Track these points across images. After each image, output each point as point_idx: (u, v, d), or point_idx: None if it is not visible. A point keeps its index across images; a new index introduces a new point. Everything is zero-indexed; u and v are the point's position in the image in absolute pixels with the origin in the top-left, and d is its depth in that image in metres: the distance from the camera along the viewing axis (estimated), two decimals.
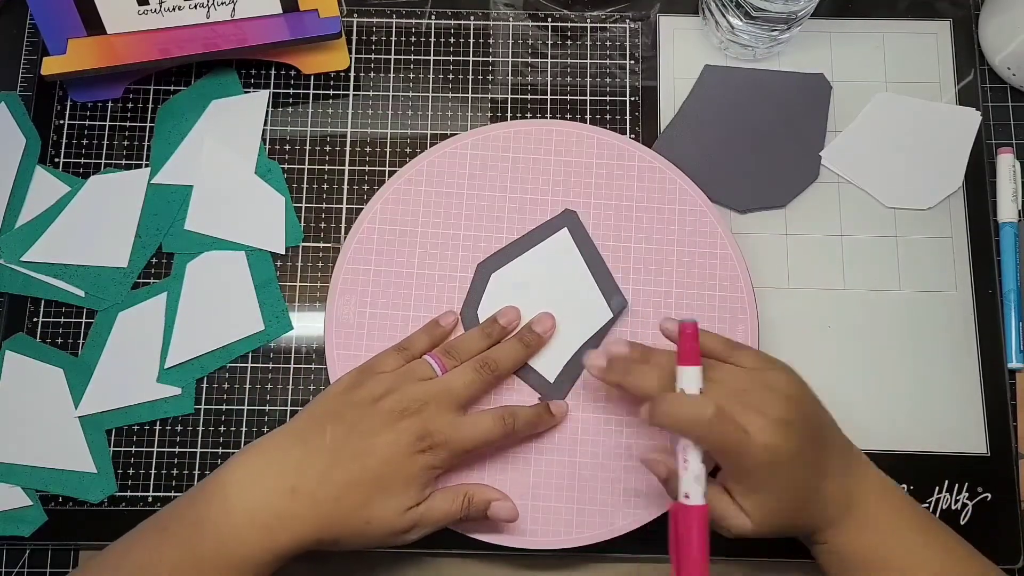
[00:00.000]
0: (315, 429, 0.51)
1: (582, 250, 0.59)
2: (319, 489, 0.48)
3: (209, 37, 0.61)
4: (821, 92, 0.65)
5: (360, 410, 0.51)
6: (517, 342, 0.56)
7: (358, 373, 0.54)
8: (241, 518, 0.47)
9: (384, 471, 0.49)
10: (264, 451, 0.50)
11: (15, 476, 0.57)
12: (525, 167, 0.61)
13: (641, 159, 0.61)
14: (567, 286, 0.59)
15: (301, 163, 0.64)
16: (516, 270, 0.59)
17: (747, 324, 0.58)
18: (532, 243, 0.60)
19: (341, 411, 0.51)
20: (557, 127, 0.62)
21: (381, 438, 0.50)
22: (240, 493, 0.48)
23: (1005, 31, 0.63)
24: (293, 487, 0.48)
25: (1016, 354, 0.60)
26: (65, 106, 0.64)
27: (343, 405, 0.51)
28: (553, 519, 0.55)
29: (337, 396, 0.52)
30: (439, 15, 0.67)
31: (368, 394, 0.52)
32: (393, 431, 0.50)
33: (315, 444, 0.50)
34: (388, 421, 0.50)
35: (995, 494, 0.58)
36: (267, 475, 0.49)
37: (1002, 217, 0.62)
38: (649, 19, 0.67)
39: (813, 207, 0.63)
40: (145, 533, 0.49)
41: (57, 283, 0.61)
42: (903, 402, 0.59)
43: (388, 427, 0.50)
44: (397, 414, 0.51)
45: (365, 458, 0.49)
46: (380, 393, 0.51)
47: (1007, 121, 0.65)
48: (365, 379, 0.53)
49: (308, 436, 0.50)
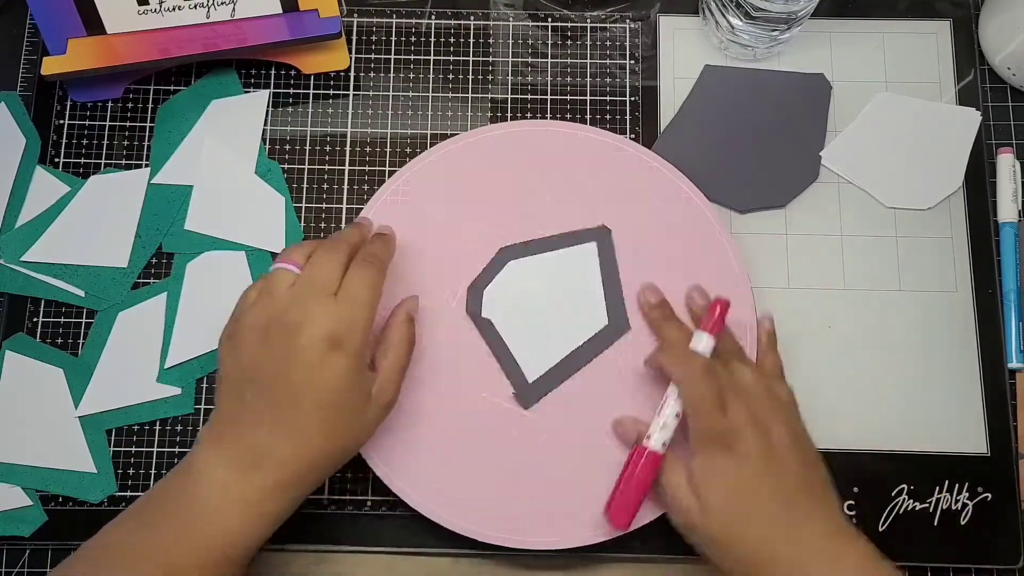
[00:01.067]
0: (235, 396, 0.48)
1: (603, 267, 0.59)
2: (276, 452, 0.47)
3: (209, 37, 0.61)
4: (821, 92, 0.65)
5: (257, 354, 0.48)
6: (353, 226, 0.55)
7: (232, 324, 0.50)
8: (220, 503, 0.47)
9: (321, 396, 0.47)
10: (213, 436, 0.48)
11: (15, 476, 0.57)
12: (522, 171, 0.61)
13: (636, 159, 0.61)
14: (575, 295, 0.59)
15: (301, 163, 0.64)
16: (533, 265, 0.59)
17: (745, 325, 0.58)
18: (557, 245, 0.60)
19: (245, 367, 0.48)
20: (553, 127, 0.62)
21: (293, 369, 0.47)
22: (211, 482, 0.47)
23: (1005, 31, 0.63)
24: (252, 463, 0.47)
25: (1016, 354, 0.60)
26: (65, 106, 0.64)
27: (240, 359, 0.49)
28: (552, 520, 0.55)
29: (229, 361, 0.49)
30: (439, 15, 0.67)
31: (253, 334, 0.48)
32: (297, 352, 0.47)
33: (245, 413, 0.48)
34: (286, 348, 0.47)
35: (995, 494, 0.58)
36: (225, 461, 0.47)
37: (1002, 217, 0.62)
38: (649, 19, 0.67)
39: (813, 207, 0.63)
40: (130, 529, 0.48)
41: (57, 283, 0.61)
42: (903, 402, 0.59)
43: (291, 353, 0.47)
44: (288, 335, 0.47)
45: (295, 398, 0.47)
46: (263, 325, 0.48)
47: (1007, 121, 0.65)
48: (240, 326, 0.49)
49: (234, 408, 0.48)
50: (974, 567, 0.57)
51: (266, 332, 0.48)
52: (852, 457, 0.58)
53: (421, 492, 0.55)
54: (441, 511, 0.55)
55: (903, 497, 0.58)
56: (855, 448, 0.58)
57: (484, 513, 0.55)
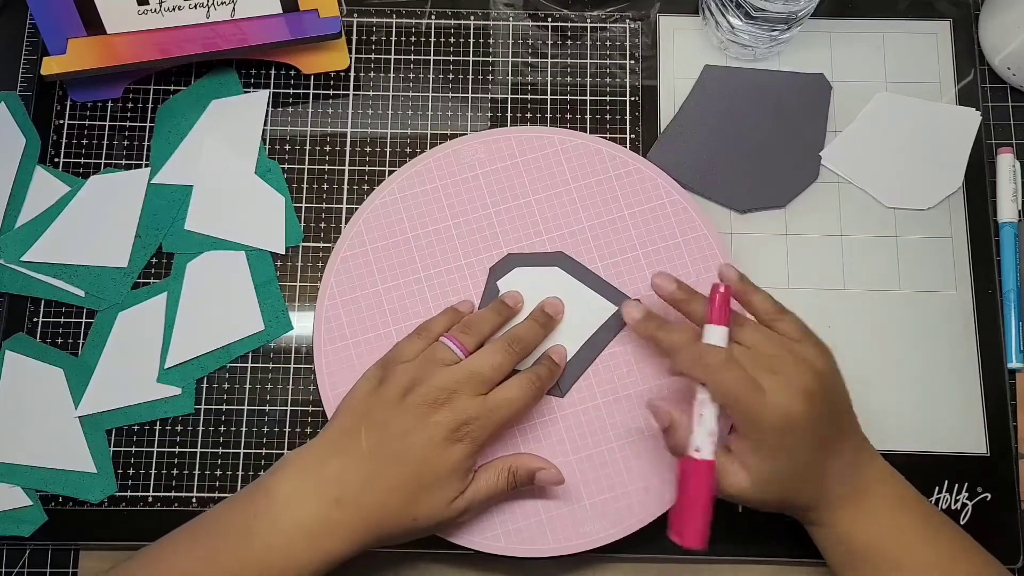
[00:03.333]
0: (350, 435, 0.50)
1: (579, 277, 0.59)
2: (362, 496, 0.49)
3: (209, 37, 0.61)
4: (821, 92, 0.65)
5: (390, 409, 0.51)
6: (534, 322, 0.56)
7: (381, 367, 0.53)
8: (289, 528, 0.48)
9: (424, 469, 0.49)
10: (305, 462, 0.50)
11: (15, 476, 0.57)
12: (505, 178, 0.61)
13: (618, 159, 0.61)
14: (575, 294, 0.59)
15: (301, 163, 0.64)
16: (517, 276, 0.60)
17: None
18: (529, 263, 0.60)
19: (371, 412, 0.51)
20: (525, 133, 0.62)
21: (416, 436, 0.50)
22: (286, 505, 0.48)
23: (1005, 31, 0.63)
24: (337, 498, 0.48)
25: (1016, 354, 0.60)
26: (65, 106, 0.64)
27: (372, 405, 0.51)
28: (554, 524, 0.55)
29: (365, 396, 0.52)
30: (439, 15, 0.67)
31: (395, 389, 0.51)
32: (427, 427, 0.50)
33: (353, 451, 0.50)
34: (420, 416, 0.50)
35: (995, 494, 0.58)
36: (311, 487, 0.49)
37: (1002, 217, 0.62)
38: (649, 19, 0.67)
39: (813, 207, 0.63)
40: (192, 538, 0.49)
41: (57, 283, 0.61)
42: (903, 402, 0.59)
43: (421, 423, 0.50)
44: (428, 407, 0.50)
45: (403, 459, 0.49)
46: (406, 386, 0.51)
47: (1007, 121, 0.65)
48: (388, 373, 0.52)
49: (344, 443, 0.50)
50: None
51: (410, 392, 0.51)
52: None
53: None
54: None
55: None
56: None
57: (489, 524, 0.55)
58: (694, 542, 0.48)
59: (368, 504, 0.49)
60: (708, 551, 0.57)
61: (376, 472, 0.49)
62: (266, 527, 0.48)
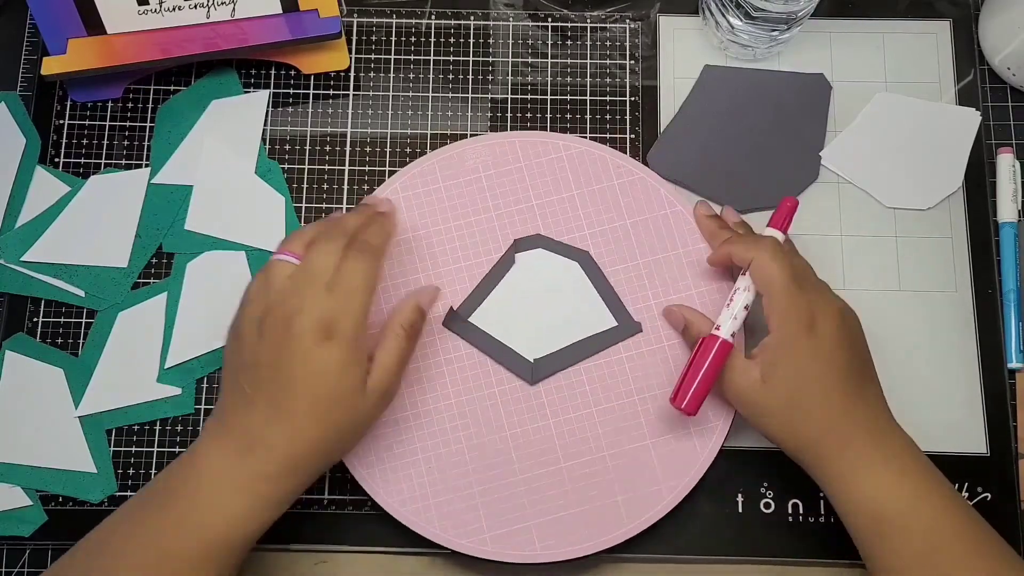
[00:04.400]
0: (233, 389, 0.49)
1: (593, 281, 0.59)
2: (270, 437, 0.47)
3: (209, 37, 0.61)
4: (821, 92, 0.65)
5: (254, 346, 0.48)
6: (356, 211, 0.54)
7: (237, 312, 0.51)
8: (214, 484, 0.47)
9: (313, 381, 0.47)
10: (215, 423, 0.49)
11: (15, 476, 0.57)
12: (505, 182, 0.61)
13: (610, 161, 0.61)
14: (571, 298, 0.59)
15: (301, 163, 0.64)
16: (521, 264, 0.59)
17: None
18: (540, 244, 0.60)
19: (240, 357, 0.49)
20: (520, 139, 0.62)
21: (286, 357, 0.47)
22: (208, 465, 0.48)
23: (1005, 31, 0.63)
24: (248, 446, 0.47)
25: (1016, 354, 0.60)
26: (65, 106, 0.64)
27: (236, 350, 0.50)
28: (553, 530, 0.55)
29: (232, 350, 0.50)
30: (439, 15, 0.67)
31: (250, 327, 0.49)
32: (290, 342, 0.47)
33: (241, 401, 0.48)
34: (281, 339, 0.48)
35: (995, 494, 0.58)
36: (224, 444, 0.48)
37: (1002, 217, 0.62)
38: (649, 19, 0.67)
39: (813, 207, 0.63)
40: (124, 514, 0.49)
41: (57, 283, 0.61)
42: (903, 402, 0.59)
43: (284, 343, 0.47)
44: (283, 326, 0.48)
45: (287, 384, 0.47)
46: (260, 317, 0.49)
47: (1007, 121, 0.65)
48: (240, 318, 0.50)
49: (233, 400, 0.49)
50: None
51: (263, 323, 0.48)
52: None
53: (412, 511, 0.55)
54: (434, 528, 0.55)
55: None
56: None
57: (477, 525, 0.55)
58: (690, 408, 0.52)
59: (278, 443, 0.47)
60: (708, 551, 0.57)
61: (269, 410, 0.48)
62: (195, 492, 0.47)
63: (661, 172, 0.62)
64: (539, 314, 0.59)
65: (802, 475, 0.53)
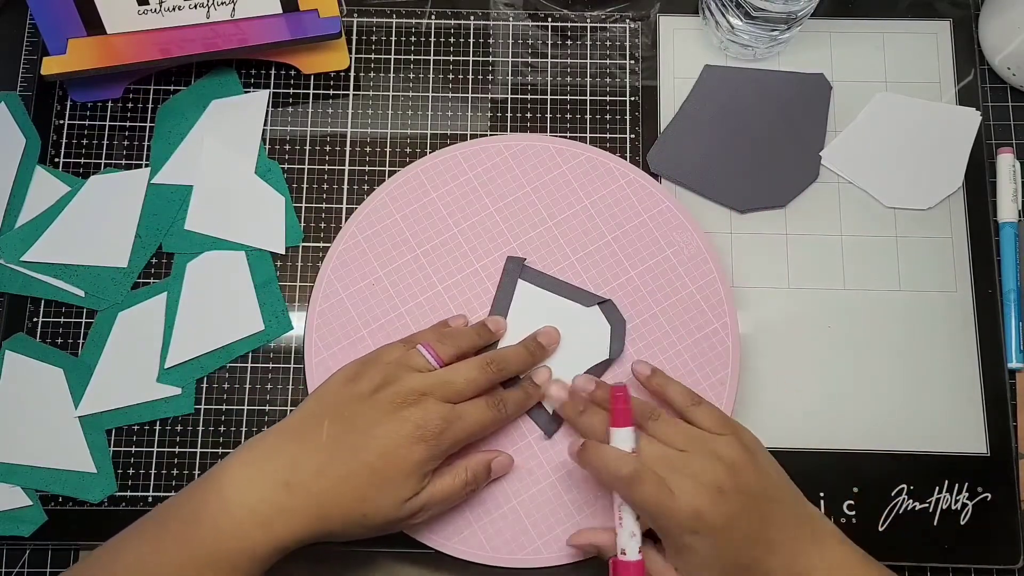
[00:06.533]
0: (312, 424, 0.50)
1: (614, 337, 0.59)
2: (313, 483, 0.48)
3: (209, 37, 0.61)
4: (821, 92, 0.65)
5: (358, 403, 0.51)
6: (523, 348, 0.56)
7: (359, 365, 0.53)
8: (238, 512, 0.47)
9: (381, 464, 0.49)
10: (260, 447, 0.50)
11: (15, 476, 0.57)
12: (503, 182, 0.61)
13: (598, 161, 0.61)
14: (579, 336, 0.59)
15: (301, 163, 0.64)
16: (544, 300, 0.59)
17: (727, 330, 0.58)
18: (563, 292, 0.59)
19: (339, 405, 0.51)
20: (516, 141, 0.62)
21: (381, 429, 0.50)
22: (236, 488, 0.48)
23: (1005, 31, 0.63)
24: (287, 481, 0.48)
25: (1016, 354, 0.60)
26: (65, 106, 0.64)
27: (342, 399, 0.51)
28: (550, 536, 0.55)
29: (336, 389, 0.52)
30: (439, 15, 0.67)
31: (366, 386, 0.51)
32: (393, 420, 0.50)
33: (311, 439, 0.50)
34: (388, 411, 0.50)
35: (995, 494, 0.58)
36: (263, 471, 0.49)
37: (1002, 217, 0.62)
38: (649, 19, 0.67)
39: (813, 207, 0.63)
40: (141, 529, 0.49)
41: (57, 283, 0.61)
42: (903, 402, 0.59)
43: (388, 416, 0.50)
44: (397, 405, 0.50)
45: (361, 451, 0.49)
46: (378, 384, 0.51)
47: (1007, 121, 0.65)
48: (364, 371, 0.52)
49: (304, 432, 0.50)
50: (974, 567, 0.57)
51: (379, 391, 0.51)
52: (852, 457, 0.58)
53: None
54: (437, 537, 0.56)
55: (903, 497, 0.58)
56: (855, 448, 0.58)
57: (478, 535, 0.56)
58: None
59: (318, 491, 0.48)
60: None
61: (331, 461, 0.49)
62: (214, 511, 0.47)
63: (661, 172, 0.62)
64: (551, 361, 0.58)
65: (801, 475, 0.52)
